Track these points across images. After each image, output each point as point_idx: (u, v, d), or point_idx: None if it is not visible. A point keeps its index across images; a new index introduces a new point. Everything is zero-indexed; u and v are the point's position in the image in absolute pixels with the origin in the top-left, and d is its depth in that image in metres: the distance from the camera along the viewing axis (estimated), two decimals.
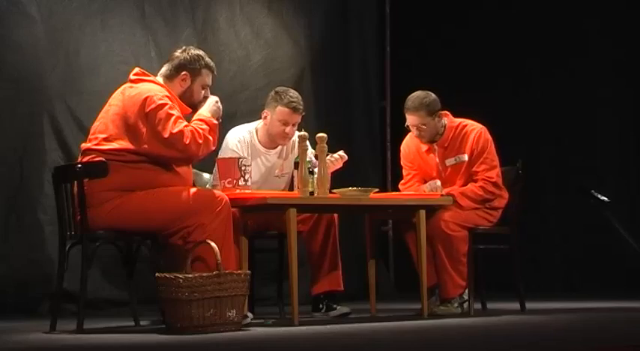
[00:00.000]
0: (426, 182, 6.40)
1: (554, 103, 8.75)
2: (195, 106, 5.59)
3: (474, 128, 6.35)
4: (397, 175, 6.76)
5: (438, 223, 6.07)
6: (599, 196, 6.72)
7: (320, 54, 8.52)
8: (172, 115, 5.32)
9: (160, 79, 5.55)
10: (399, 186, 6.58)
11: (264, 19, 8.19)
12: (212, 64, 5.63)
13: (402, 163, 6.59)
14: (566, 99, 8.70)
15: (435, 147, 6.38)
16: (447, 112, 6.39)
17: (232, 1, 8.04)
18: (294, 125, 6.14)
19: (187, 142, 5.31)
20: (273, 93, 6.18)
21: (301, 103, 6.13)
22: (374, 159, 9.00)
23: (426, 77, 6.56)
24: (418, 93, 6.33)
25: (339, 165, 6.03)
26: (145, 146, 5.32)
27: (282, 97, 6.11)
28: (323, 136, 5.75)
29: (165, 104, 5.34)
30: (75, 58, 7.18)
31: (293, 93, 6.16)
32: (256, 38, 8.12)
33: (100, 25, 7.31)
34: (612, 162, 8.56)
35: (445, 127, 6.36)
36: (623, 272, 8.17)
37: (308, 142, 5.85)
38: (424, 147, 6.42)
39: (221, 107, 5.59)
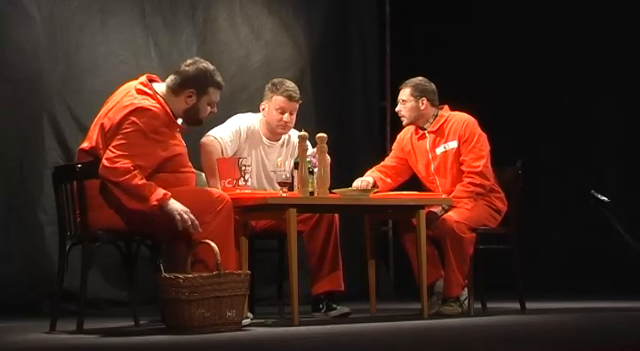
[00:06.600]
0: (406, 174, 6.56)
1: (555, 103, 8.74)
2: (201, 122, 5.54)
3: (464, 117, 6.43)
4: None
5: (451, 224, 6.09)
6: (599, 196, 6.71)
7: (320, 54, 8.52)
8: (130, 146, 5.16)
9: (164, 89, 5.41)
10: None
11: (264, 19, 8.19)
12: (219, 79, 5.48)
13: (392, 146, 6.71)
14: (567, 98, 8.69)
15: (427, 135, 6.44)
16: (445, 106, 6.48)
17: (232, 1, 8.03)
18: (291, 114, 6.15)
19: (117, 180, 5.15)
20: (269, 85, 6.24)
21: (297, 92, 6.19)
22: (374, 159, 8.96)
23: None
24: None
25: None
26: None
27: (278, 87, 6.17)
28: (323, 136, 5.75)
29: (135, 131, 5.18)
30: (75, 58, 7.18)
31: (289, 83, 6.22)
32: (256, 38, 8.12)
33: (100, 25, 7.31)
34: (612, 162, 8.55)
35: (437, 116, 6.43)
36: (623, 272, 8.16)
37: (308, 142, 5.85)
38: (417, 134, 6.48)
39: (182, 220, 5.17)
